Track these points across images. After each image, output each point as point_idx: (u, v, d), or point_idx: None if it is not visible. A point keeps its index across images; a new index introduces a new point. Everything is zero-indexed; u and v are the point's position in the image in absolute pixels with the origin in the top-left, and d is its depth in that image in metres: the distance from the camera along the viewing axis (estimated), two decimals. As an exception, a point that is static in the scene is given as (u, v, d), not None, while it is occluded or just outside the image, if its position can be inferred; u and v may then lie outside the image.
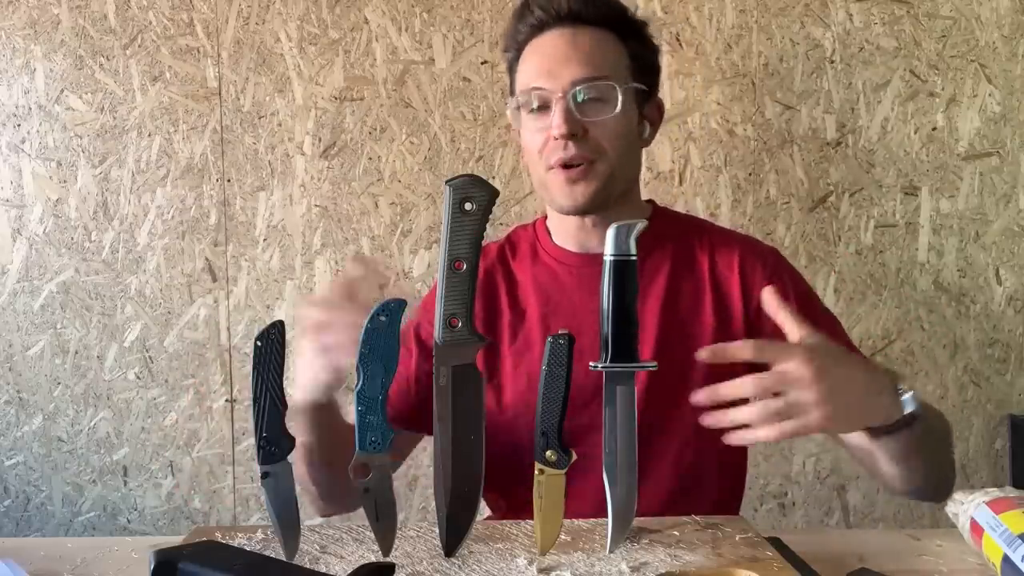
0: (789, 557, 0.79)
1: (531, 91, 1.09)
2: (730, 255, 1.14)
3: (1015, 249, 1.67)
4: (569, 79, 1.06)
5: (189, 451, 1.69)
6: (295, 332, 0.96)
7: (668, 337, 1.09)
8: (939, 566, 0.81)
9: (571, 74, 1.06)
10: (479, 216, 0.77)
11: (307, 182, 1.66)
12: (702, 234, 1.18)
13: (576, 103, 1.06)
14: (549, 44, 1.10)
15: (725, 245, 1.16)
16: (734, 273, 1.13)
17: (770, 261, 1.15)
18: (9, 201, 1.67)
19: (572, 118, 1.05)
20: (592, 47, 1.09)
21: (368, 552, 0.81)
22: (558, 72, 1.07)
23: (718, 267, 1.14)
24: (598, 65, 1.08)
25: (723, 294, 1.12)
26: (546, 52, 1.10)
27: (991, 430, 1.70)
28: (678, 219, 1.24)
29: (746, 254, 1.14)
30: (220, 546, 0.78)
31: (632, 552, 0.80)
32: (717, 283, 1.13)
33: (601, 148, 1.07)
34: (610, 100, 1.07)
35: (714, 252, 1.15)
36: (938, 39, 1.64)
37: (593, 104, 1.07)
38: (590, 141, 1.07)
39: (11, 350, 1.69)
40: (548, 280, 1.15)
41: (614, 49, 1.10)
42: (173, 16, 1.64)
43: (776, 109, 1.65)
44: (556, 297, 1.14)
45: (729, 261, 1.14)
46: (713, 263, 1.14)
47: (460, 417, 0.78)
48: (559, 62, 1.08)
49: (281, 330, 0.78)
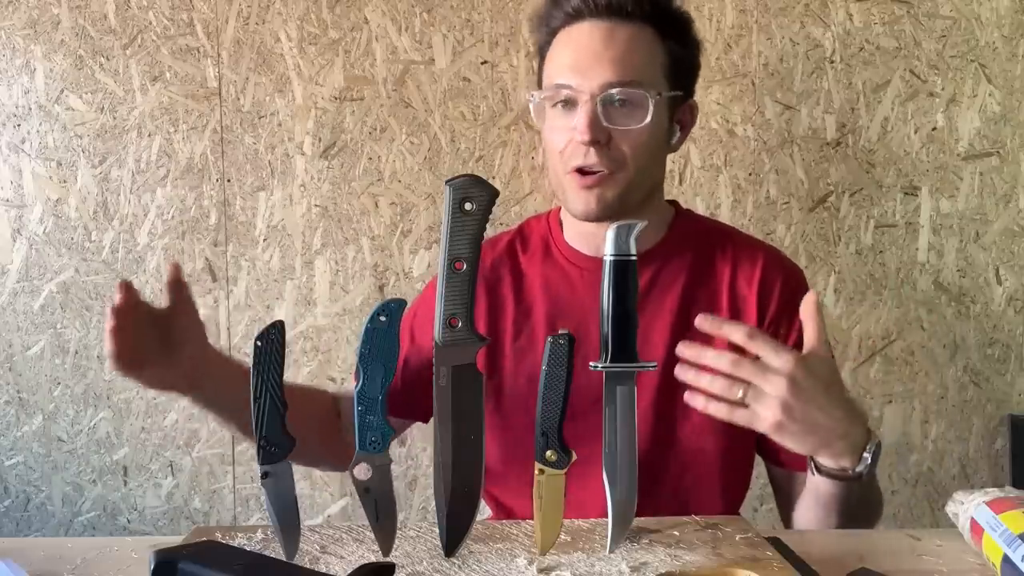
0: (789, 557, 0.79)
1: (558, 87, 1.04)
2: (752, 269, 1.10)
3: (1015, 249, 1.67)
4: (600, 81, 1.01)
5: (189, 451, 1.69)
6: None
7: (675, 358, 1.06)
8: (939, 566, 0.81)
9: (603, 75, 1.01)
10: (479, 216, 0.77)
11: (307, 182, 1.66)
12: (725, 243, 1.13)
13: (604, 106, 1.01)
14: (584, 37, 1.04)
15: (749, 258, 1.11)
16: (752, 289, 1.09)
17: (792, 280, 1.11)
18: (9, 201, 1.67)
19: (598, 124, 1.01)
20: (628, 46, 1.03)
21: (368, 552, 0.81)
22: (589, 71, 1.02)
23: (738, 281, 1.10)
24: (633, 68, 1.02)
25: (738, 310, 1.09)
26: (580, 46, 1.04)
27: (991, 430, 1.70)
28: (701, 224, 1.18)
29: (769, 268, 1.10)
30: (220, 546, 0.78)
31: (632, 552, 0.80)
32: (734, 298, 1.09)
33: (623, 157, 1.03)
34: (641, 108, 1.02)
35: (736, 264, 1.10)
36: (938, 39, 1.64)
37: (622, 109, 1.02)
38: (613, 149, 1.02)
39: (11, 350, 1.69)
40: (559, 280, 1.12)
41: (651, 50, 1.04)
42: (173, 16, 1.64)
43: (776, 109, 1.65)
44: (566, 298, 1.11)
45: (750, 276, 1.10)
46: (734, 276, 1.10)
47: (460, 417, 0.78)
48: (591, 60, 1.02)
49: (281, 330, 0.78)
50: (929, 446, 1.69)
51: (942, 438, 1.69)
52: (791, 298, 1.05)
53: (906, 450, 1.69)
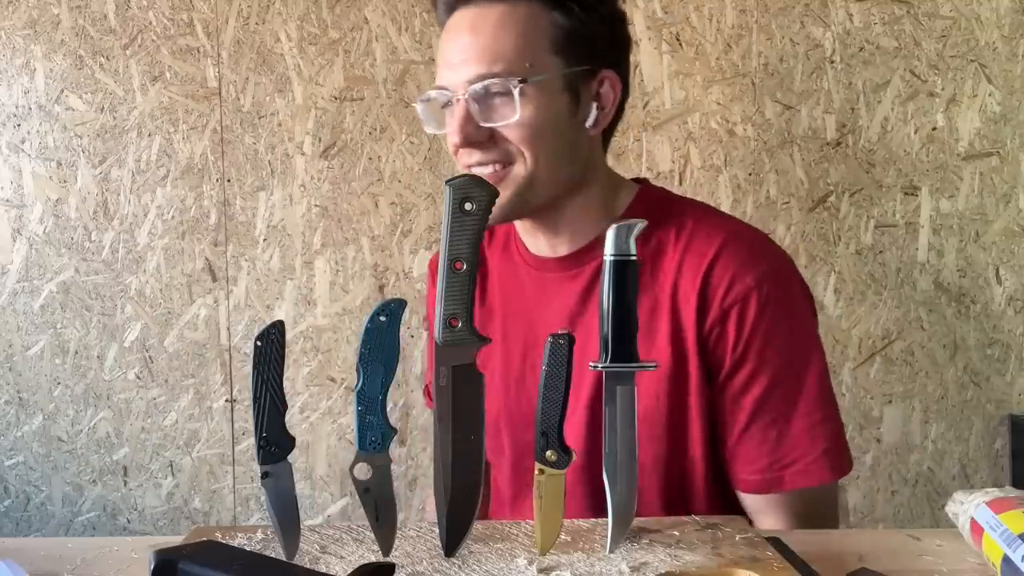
0: (789, 557, 0.79)
1: (437, 90, 0.97)
2: (700, 259, 0.96)
3: (1015, 249, 1.67)
4: (466, 76, 0.93)
5: (189, 451, 1.69)
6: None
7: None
8: (939, 566, 0.80)
9: (468, 70, 0.93)
10: (479, 216, 0.76)
11: (307, 182, 1.66)
12: (683, 226, 0.98)
13: (479, 102, 0.93)
14: (454, 30, 0.96)
15: (701, 246, 0.97)
16: (695, 286, 0.96)
17: (746, 275, 0.95)
18: (9, 201, 1.67)
19: (469, 124, 0.93)
20: (496, 32, 0.92)
21: (368, 552, 0.81)
22: (459, 67, 0.94)
23: (683, 275, 0.97)
24: (500, 56, 0.92)
25: (678, 314, 0.97)
26: (450, 39, 0.96)
27: (991, 430, 1.70)
28: (661, 206, 1.03)
29: (720, 258, 0.95)
30: (220, 546, 0.77)
31: (632, 552, 0.80)
32: (676, 297, 0.97)
33: (514, 152, 0.94)
34: (512, 99, 0.92)
35: (686, 253, 0.97)
36: (938, 39, 1.64)
37: (498, 101, 0.93)
38: (499, 145, 0.94)
39: (11, 350, 1.69)
40: (510, 277, 1.07)
41: (529, 28, 0.93)
42: (173, 16, 1.64)
43: (776, 109, 1.65)
44: (516, 298, 1.05)
45: (696, 268, 0.96)
46: (680, 269, 0.97)
47: (460, 417, 0.78)
48: (459, 54, 0.94)
49: (281, 330, 0.77)
50: (929, 446, 1.69)
51: (942, 438, 1.69)
52: (744, 296, 0.94)
53: (906, 450, 1.69)
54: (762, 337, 0.96)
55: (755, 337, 0.96)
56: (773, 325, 0.96)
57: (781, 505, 0.98)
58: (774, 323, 0.96)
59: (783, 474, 0.97)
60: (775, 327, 0.96)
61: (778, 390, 0.97)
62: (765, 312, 0.95)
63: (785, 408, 0.97)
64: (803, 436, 0.97)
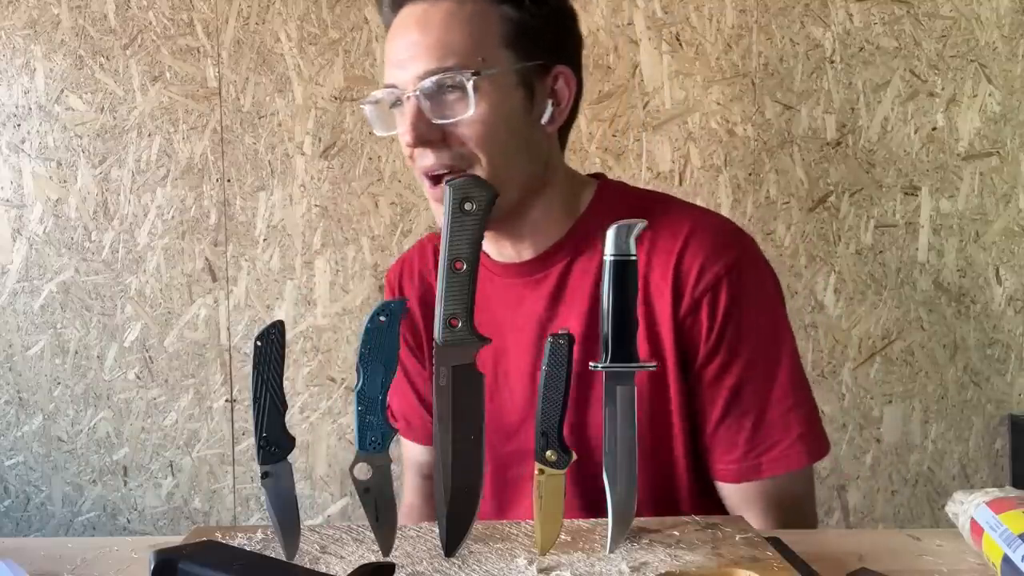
0: (789, 557, 0.79)
1: (386, 89, 0.95)
2: (670, 247, 0.95)
3: (1015, 249, 1.67)
4: (415, 72, 0.91)
5: (189, 451, 1.69)
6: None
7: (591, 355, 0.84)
8: (939, 566, 0.80)
9: (417, 66, 0.90)
10: (479, 216, 0.76)
11: (307, 182, 1.66)
12: (649, 218, 0.92)
13: (430, 100, 0.91)
14: (400, 27, 0.94)
15: (670, 235, 0.96)
16: (668, 274, 0.95)
17: (718, 265, 0.94)
18: (9, 201, 1.67)
19: (421, 123, 0.91)
20: (444, 27, 0.91)
21: (368, 552, 0.81)
22: (408, 63, 0.91)
23: (653, 265, 0.96)
24: (450, 50, 0.90)
25: (651, 304, 0.96)
26: (397, 37, 0.94)
27: (991, 430, 1.70)
28: (625, 199, 1.02)
29: (690, 244, 0.95)
30: (220, 546, 0.77)
31: (632, 552, 0.80)
32: (648, 288, 0.96)
33: (469, 156, 0.92)
34: (466, 93, 0.90)
35: (655, 243, 0.96)
36: (938, 39, 1.64)
37: (450, 98, 0.91)
38: (453, 148, 0.92)
39: (11, 350, 1.69)
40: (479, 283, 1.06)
41: (479, 22, 0.92)
42: (173, 16, 1.64)
43: (776, 109, 1.65)
44: (482, 307, 0.98)
45: (667, 257, 0.95)
46: (650, 260, 0.96)
47: (460, 417, 0.78)
48: (407, 50, 0.92)
49: (281, 330, 0.77)
50: (929, 446, 1.69)
51: (942, 438, 1.69)
52: (714, 284, 0.94)
53: (906, 450, 1.69)
54: (735, 324, 0.96)
55: (728, 324, 0.95)
56: (745, 311, 0.96)
57: (760, 493, 0.99)
58: (746, 309, 0.96)
59: (760, 461, 0.98)
60: (747, 313, 0.96)
61: (753, 378, 0.97)
62: (737, 299, 0.95)
63: (760, 396, 0.97)
64: (778, 422, 0.97)
